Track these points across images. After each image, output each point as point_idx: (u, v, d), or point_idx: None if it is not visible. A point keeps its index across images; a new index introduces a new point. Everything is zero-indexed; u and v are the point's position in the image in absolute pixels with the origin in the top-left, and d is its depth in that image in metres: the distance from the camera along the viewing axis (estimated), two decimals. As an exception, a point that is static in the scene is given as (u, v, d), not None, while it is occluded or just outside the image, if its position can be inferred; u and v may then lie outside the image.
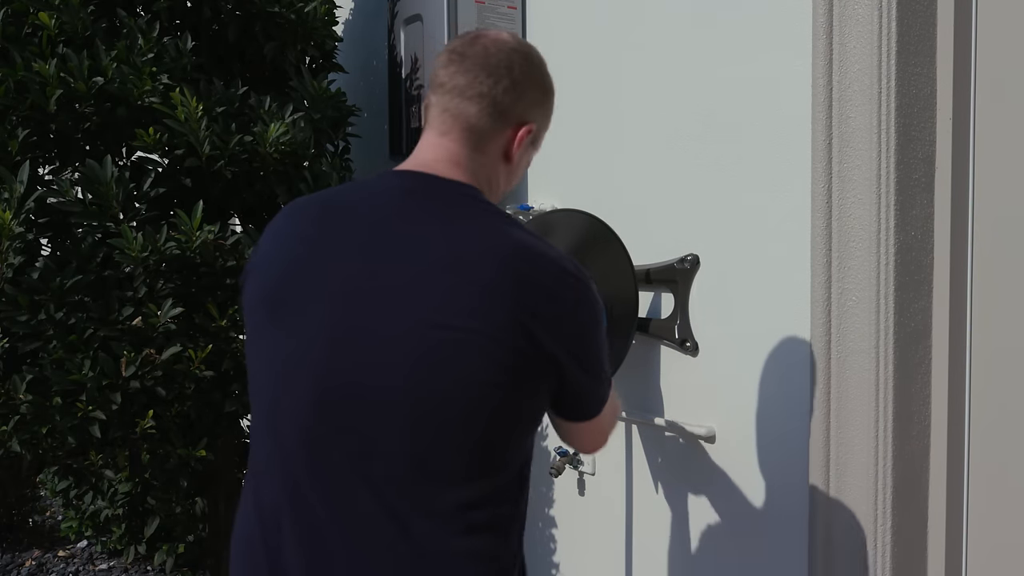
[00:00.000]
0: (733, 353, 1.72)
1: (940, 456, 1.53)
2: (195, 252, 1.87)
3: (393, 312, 0.97)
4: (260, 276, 1.07)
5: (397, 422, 0.97)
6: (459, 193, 1.05)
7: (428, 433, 0.97)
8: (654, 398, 1.88)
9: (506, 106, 1.07)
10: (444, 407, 0.96)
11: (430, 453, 0.97)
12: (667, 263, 1.81)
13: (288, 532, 1.01)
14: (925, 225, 1.50)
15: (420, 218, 1.01)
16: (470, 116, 1.06)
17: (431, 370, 0.95)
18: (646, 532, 1.93)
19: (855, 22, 1.47)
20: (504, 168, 1.12)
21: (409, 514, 0.97)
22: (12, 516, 3.34)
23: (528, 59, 1.10)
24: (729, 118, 1.70)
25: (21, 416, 1.79)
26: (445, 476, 0.97)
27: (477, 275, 0.96)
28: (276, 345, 1.03)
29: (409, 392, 0.96)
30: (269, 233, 1.11)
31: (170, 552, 2.82)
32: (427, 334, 0.95)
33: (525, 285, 0.97)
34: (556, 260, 1.01)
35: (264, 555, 1.03)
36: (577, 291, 1.01)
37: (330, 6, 2.29)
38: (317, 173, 2.10)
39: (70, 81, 1.83)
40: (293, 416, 1.01)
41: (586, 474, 2.07)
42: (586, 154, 2.01)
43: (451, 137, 1.07)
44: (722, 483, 1.76)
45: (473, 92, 1.06)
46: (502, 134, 1.08)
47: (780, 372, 1.64)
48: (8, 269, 1.75)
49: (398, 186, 1.06)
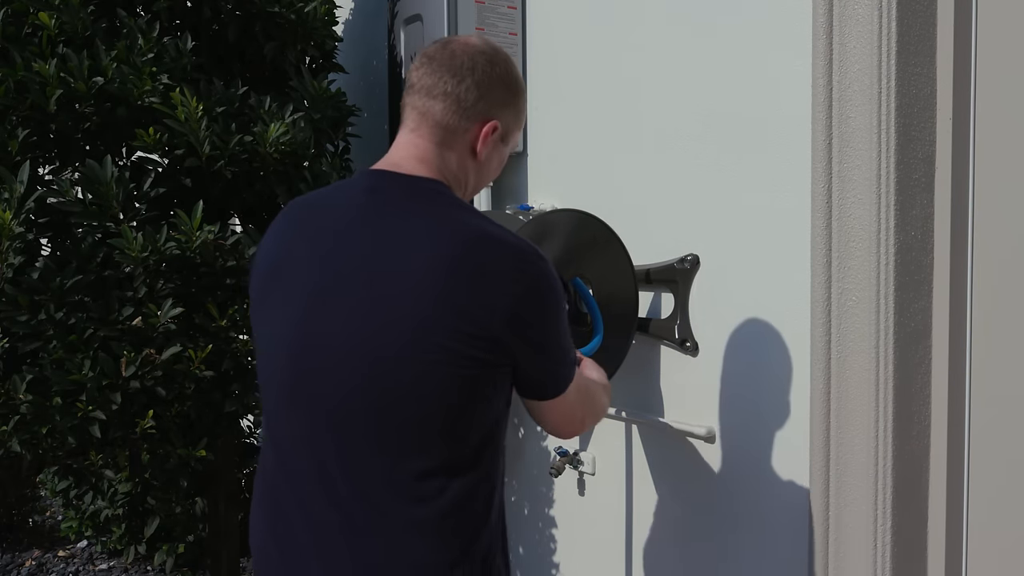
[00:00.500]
0: (733, 353, 1.72)
1: (940, 456, 1.53)
2: (195, 252, 1.87)
3: (350, 304, 1.06)
4: (254, 274, 1.20)
5: (360, 415, 1.06)
6: (420, 188, 1.12)
7: (390, 416, 1.05)
8: (654, 398, 1.88)
9: (469, 104, 1.14)
10: (403, 398, 1.04)
11: (390, 432, 1.06)
12: (667, 263, 1.81)
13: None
14: (925, 225, 1.50)
15: (381, 212, 1.09)
16: (436, 113, 1.14)
17: (387, 364, 1.04)
18: (646, 532, 1.93)
19: (855, 22, 1.47)
20: (473, 164, 1.19)
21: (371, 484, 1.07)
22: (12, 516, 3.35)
23: (491, 60, 1.17)
24: (729, 118, 1.70)
25: (21, 416, 1.79)
26: (401, 450, 1.06)
27: (431, 265, 1.03)
28: (262, 337, 1.17)
29: (368, 391, 1.05)
30: (267, 233, 1.22)
31: (170, 552, 2.82)
32: (383, 326, 1.03)
33: (480, 273, 1.03)
34: (512, 245, 1.07)
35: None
36: (533, 275, 1.06)
37: (330, 6, 2.29)
38: (317, 173, 2.10)
39: (70, 81, 1.83)
40: (277, 398, 1.14)
41: (586, 474, 2.07)
42: (586, 154, 2.01)
43: (419, 133, 1.15)
44: (722, 483, 1.76)
45: (438, 91, 1.14)
46: (468, 131, 1.16)
47: (780, 372, 1.64)
48: (8, 269, 1.75)
49: (365, 185, 1.14)
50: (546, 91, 2.12)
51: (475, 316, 1.02)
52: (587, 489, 2.09)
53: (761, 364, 1.67)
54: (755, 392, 1.68)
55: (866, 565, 1.52)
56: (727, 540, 1.76)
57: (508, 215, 1.99)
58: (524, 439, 2.26)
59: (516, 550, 2.31)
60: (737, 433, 1.72)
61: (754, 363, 1.68)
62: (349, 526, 1.07)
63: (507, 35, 2.14)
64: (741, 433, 1.71)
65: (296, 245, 1.14)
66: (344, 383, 1.06)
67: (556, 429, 1.25)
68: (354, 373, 1.05)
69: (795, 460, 1.62)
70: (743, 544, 1.73)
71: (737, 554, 1.74)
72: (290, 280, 1.12)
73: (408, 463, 1.06)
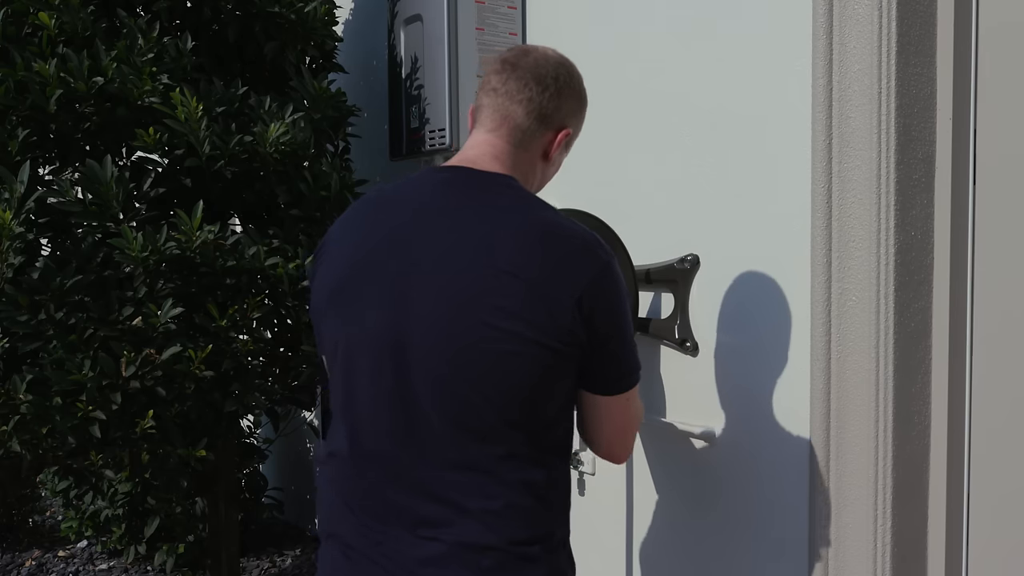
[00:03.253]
0: (733, 353, 1.72)
1: (940, 456, 1.53)
2: (195, 252, 1.87)
3: (431, 293, 1.09)
4: (327, 267, 1.21)
5: (447, 401, 1.09)
6: (495, 182, 1.16)
7: (472, 401, 1.08)
8: (654, 398, 1.88)
9: (549, 112, 1.21)
10: (483, 377, 1.07)
11: (472, 417, 1.09)
12: (667, 263, 1.81)
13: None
14: (925, 225, 1.50)
15: (457, 203, 1.14)
16: (517, 116, 1.20)
17: (468, 350, 1.06)
18: (646, 532, 1.93)
19: (855, 22, 1.47)
20: (542, 165, 1.26)
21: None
22: (12, 516, 3.34)
23: (571, 73, 1.25)
24: (729, 118, 1.70)
25: (21, 416, 1.79)
26: (478, 432, 1.09)
27: (509, 254, 1.07)
28: (336, 330, 1.18)
29: (452, 380, 1.08)
30: (337, 225, 1.25)
31: (170, 552, 2.82)
32: (462, 314, 1.07)
33: (554, 261, 1.07)
34: (582, 236, 1.11)
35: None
36: (602, 265, 1.10)
37: (330, 6, 2.29)
38: (317, 173, 2.10)
39: (70, 81, 1.83)
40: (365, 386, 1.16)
41: (586, 474, 2.07)
42: (586, 155, 2.01)
43: (498, 134, 1.20)
44: (722, 483, 1.76)
45: (522, 96, 1.19)
46: (543, 136, 1.22)
47: (780, 372, 1.64)
48: (8, 269, 1.75)
49: (440, 179, 1.18)
50: (546, 91, 2.12)
51: (549, 304, 1.05)
52: (587, 489, 2.09)
53: (761, 364, 1.67)
54: (755, 392, 1.68)
55: (866, 565, 1.52)
56: (727, 540, 1.76)
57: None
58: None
59: (516, 550, 2.31)
60: (737, 433, 1.72)
61: (754, 363, 1.68)
62: (429, 513, 1.11)
63: (507, 35, 2.14)
64: (741, 433, 1.71)
65: (371, 240, 1.16)
66: (431, 371, 1.09)
67: (611, 441, 1.23)
68: (440, 362, 1.08)
69: (795, 460, 1.62)
70: (743, 544, 1.73)
71: (737, 554, 1.74)
72: (371, 276, 1.14)
73: (490, 447, 1.09)
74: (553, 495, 1.14)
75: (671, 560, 1.88)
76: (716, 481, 1.77)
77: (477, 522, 1.08)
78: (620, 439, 1.24)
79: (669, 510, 1.88)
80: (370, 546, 1.14)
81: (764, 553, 1.69)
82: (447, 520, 1.09)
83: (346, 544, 1.18)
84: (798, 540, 1.63)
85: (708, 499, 1.79)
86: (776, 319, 1.64)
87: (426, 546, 1.10)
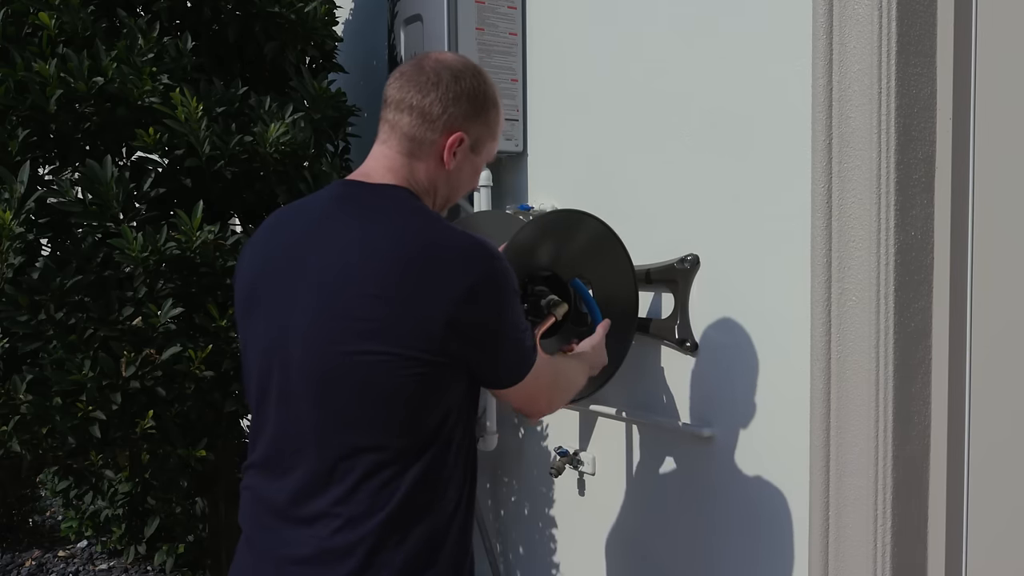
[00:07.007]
0: (733, 353, 1.72)
1: (940, 456, 1.53)
2: (195, 252, 1.87)
3: (309, 310, 1.13)
4: (237, 286, 1.28)
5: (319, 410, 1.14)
6: (384, 195, 1.18)
7: (341, 413, 1.13)
8: (654, 398, 1.88)
9: (434, 116, 1.20)
10: (355, 394, 1.12)
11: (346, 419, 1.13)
12: (667, 263, 1.81)
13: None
14: (925, 225, 1.50)
15: (343, 219, 1.17)
16: (404, 126, 1.21)
17: (337, 369, 1.11)
18: (646, 532, 1.93)
19: (855, 22, 1.47)
20: (443, 174, 1.24)
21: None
22: (12, 516, 3.34)
23: (457, 75, 1.22)
24: (729, 118, 1.70)
25: (21, 416, 1.79)
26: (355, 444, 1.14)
27: (381, 270, 1.10)
28: (246, 337, 1.25)
29: (323, 392, 1.13)
30: (247, 244, 1.31)
31: (170, 552, 2.82)
32: (335, 328, 1.11)
33: (427, 277, 1.09)
34: (460, 250, 1.12)
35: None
36: (481, 269, 1.11)
37: (330, 6, 2.29)
38: (317, 173, 2.10)
39: (70, 81, 1.83)
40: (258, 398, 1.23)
41: (586, 474, 2.07)
42: (586, 154, 2.01)
43: (389, 145, 1.22)
44: (722, 483, 1.76)
45: (405, 105, 1.21)
46: (435, 143, 1.22)
47: (780, 372, 1.64)
48: (8, 269, 1.75)
49: (335, 193, 1.22)
50: (546, 91, 2.12)
51: (417, 322, 1.08)
52: (587, 489, 2.09)
53: (761, 364, 1.67)
54: (755, 392, 1.68)
55: (866, 565, 1.52)
56: (727, 540, 1.76)
57: (508, 215, 1.99)
58: (524, 439, 2.26)
59: (516, 550, 2.31)
60: (737, 433, 1.72)
61: (754, 363, 1.68)
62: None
63: (507, 35, 2.14)
64: (741, 433, 1.71)
65: (271, 255, 1.22)
66: (308, 388, 1.14)
67: (519, 410, 1.32)
68: (312, 381, 1.13)
69: (795, 460, 1.62)
70: (743, 544, 1.73)
71: (737, 554, 1.74)
72: (267, 290, 1.20)
73: (364, 456, 1.12)
74: (431, 496, 1.16)
75: (671, 560, 1.88)
76: (716, 481, 1.77)
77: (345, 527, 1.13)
78: (530, 406, 1.31)
79: (669, 510, 1.88)
80: (264, 541, 1.20)
81: (764, 553, 1.69)
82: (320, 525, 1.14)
83: (247, 537, 1.24)
84: (798, 540, 1.63)
85: (708, 499, 1.79)
86: (776, 319, 1.64)
87: (299, 547, 1.15)
